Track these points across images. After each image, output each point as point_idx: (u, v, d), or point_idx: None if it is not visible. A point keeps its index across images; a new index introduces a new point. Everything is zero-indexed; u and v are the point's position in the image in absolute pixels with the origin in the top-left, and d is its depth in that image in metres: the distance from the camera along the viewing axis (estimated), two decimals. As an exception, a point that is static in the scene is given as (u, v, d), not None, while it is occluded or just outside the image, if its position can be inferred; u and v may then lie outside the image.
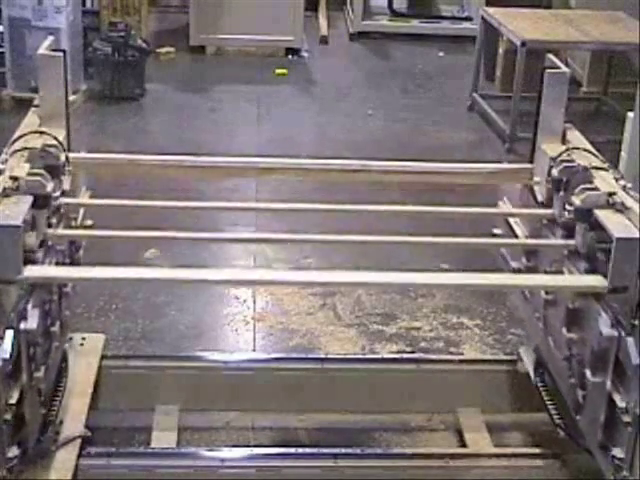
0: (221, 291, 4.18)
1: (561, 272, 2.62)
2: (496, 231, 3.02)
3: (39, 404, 2.47)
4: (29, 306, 2.31)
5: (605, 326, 2.34)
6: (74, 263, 2.79)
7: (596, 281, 2.41)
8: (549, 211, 2.74)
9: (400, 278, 2.64)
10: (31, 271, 2.32)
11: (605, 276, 2.39)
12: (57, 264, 2.58)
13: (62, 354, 2.81)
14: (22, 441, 2.37)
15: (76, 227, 2.81)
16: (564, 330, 2.57)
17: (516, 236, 2.94)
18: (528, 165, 2.93)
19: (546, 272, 2.71)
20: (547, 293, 2.73)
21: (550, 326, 2.75)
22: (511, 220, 2.99)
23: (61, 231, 2.62)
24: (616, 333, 2.32)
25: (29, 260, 2.34)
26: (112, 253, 3.05)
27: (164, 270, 2.45)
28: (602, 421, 2.39)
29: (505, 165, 3.01)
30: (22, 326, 2.25)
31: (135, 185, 3.52)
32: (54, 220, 2.56)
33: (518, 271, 2.90)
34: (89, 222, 2.88)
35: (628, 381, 2.29)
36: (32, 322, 2.29)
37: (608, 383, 2.36)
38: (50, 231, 2.52)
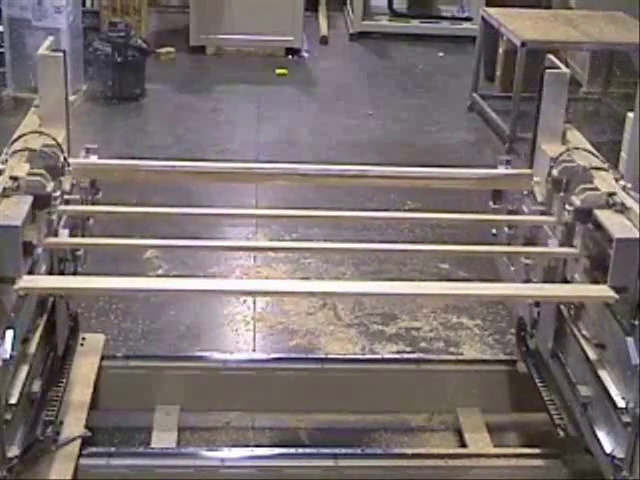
0: (221, 291, 4.18)
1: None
2: (495, 232, 3.02)
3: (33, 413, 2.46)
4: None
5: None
6: (75, 260, 2.79)
7: (605, 291, 2.38)
8: (550, 219, 2.74)
9: (403, 288, 2.57)
10: (27, 281, 2.29)
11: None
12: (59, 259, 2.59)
13: (62, 355, 2.81)
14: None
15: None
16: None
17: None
18: (527, 170, 2.92)
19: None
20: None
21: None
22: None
23: (61, 239, 2.62)
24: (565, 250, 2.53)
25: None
26: (113, 252, 3.06)
27: (162, 280, 2.44)
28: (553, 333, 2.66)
29: (504, 170, 3.01)
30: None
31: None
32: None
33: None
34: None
35: None
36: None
37: None
38: (50, 240, 2.52)
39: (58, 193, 2.56)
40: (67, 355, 2.85)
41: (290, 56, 8.16)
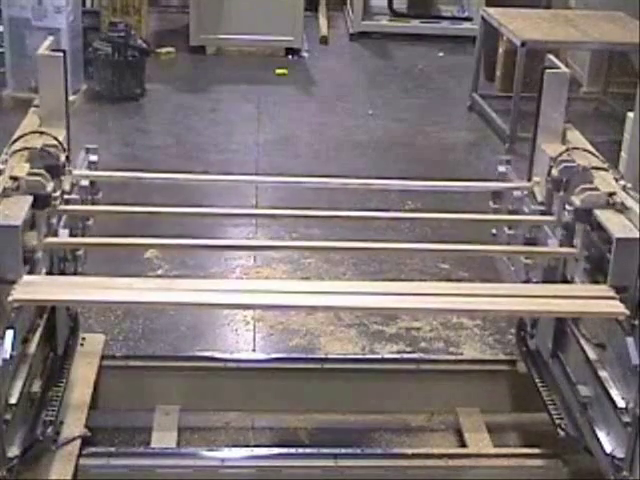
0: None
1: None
2: (495, 231, 3.02)
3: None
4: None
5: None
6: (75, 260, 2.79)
7: (617, 307, 2.35)
8: (549, 218, 2.74)
9: (409, 303, 2.47)
10: (22, 293, 2.25)
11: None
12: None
13: (62, 354, 2.81)
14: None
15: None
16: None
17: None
18: (527, 184, 2.92)
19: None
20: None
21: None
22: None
23: (61, 239, 2.62)
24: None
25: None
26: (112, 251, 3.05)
27: (160, 293, 2.40)
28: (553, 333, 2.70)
29: (505, 184, 3.01)
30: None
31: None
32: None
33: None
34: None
35: None
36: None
37: None
38: (49, 240, 2.52)
39: (58, 193, 2.56)
40: (67, 355, 2.85)
41: (290, 56, 8.16)
